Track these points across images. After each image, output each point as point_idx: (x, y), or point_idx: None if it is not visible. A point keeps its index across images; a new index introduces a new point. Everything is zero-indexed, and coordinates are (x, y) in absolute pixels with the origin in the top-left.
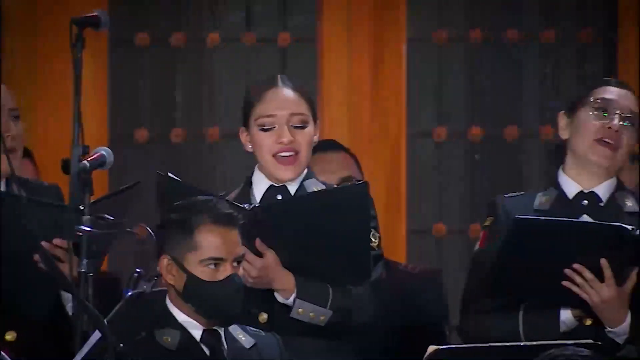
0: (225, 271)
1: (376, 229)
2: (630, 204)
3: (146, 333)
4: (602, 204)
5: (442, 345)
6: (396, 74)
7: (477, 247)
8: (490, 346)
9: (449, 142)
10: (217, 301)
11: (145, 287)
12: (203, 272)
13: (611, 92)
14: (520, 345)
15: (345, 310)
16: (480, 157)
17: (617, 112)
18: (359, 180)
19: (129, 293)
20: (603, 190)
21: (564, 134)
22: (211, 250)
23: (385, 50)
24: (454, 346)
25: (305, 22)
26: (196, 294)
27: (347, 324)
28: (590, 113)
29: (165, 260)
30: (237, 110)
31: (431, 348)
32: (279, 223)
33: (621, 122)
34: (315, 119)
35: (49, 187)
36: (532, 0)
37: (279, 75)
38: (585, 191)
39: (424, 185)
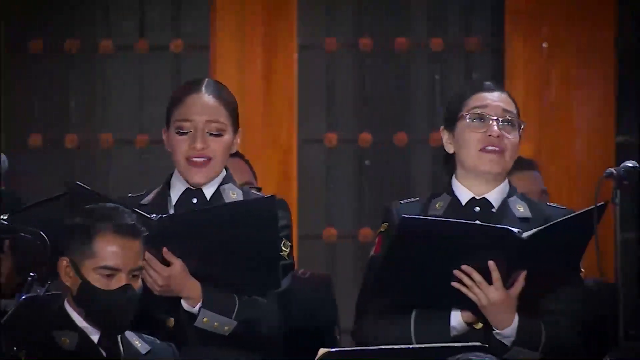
0: (119, 281)
1: (288, 237)
2: (522, 209)
3: (44, 335)
4: (494, 210)
5: (333, 348)
6: (287, 80)
7: (372, 252)
8: (379, 349)
9: (339, 148)
10: (106, 309)
11: (38, 290)
12: (96, 279)
13: (484, 99)
14: (409, 348)
15: (251, 321)
16: (370, 162)
17: (494, 117)
18: (255, 186)
19: (23, 297)
20: (495, 196)
21: (449, 149)
22: (107, 259)
23: (277, 57)
24: (344, 349)
25: (198, 29)
26: (87, 300)
27: (253, 334)
28: (469, 124)
29: (64, 262)
30: (131, 116)
31: (322, 351)
32: (186, 233)
33: (501, 126)
34: (236, 127)
35: None
36: (420, 9)
37: (205, 80)
38: (478, 197)
39: (314, 191)
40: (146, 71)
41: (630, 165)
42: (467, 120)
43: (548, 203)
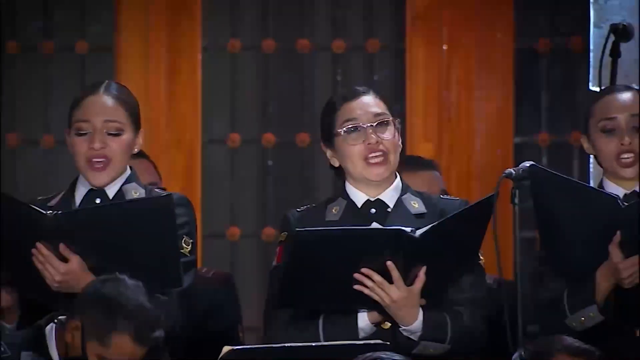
0: None
1: (189, 234)
2: (416, 205)
3: None
4: (389, 210)
5: (236, 346)
6: (191, 82)
7: (274, 263)
8: (283, 346)
9: (242, 148)
10: None
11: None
12: None
13: (353, 109)
14: (312, 346)
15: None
16: (273, 162)
17: (369, 124)
18: (159, 187)
19: None
20: (389, 195)
21: (334, 162)
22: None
23: (181, 58)
24: (247, 347)
25: (103, 31)
26: None
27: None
28: (345, 138)
29: (73, 326)
30: (37, 117)
31: (226, 348)
32: (84, 230)
33: (377, 128)
34: (137, 127)
35: None
36: (322, 11)
37: (105, 82)
38: (372, 199)
39: (218, 191)
40: (52, 72)
41: (528, 165)
42: (343, 135)
43: (442, 196)
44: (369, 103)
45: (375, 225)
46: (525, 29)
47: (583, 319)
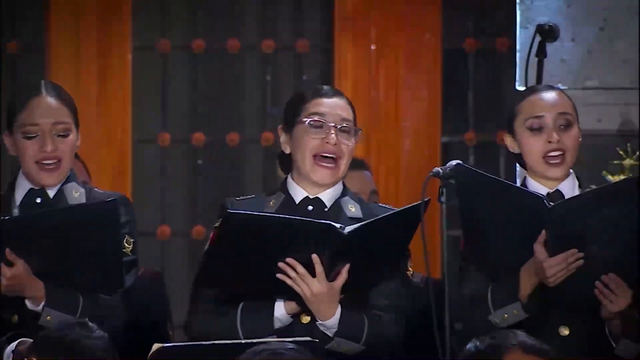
0: None
1: (131, 234)
2: (353, 209)
3: None
4: (326, 210)
5: (166, 343)
6: (121, 81)
7: (206, 247)
8: (212, 344)
9: (173, 147)
10: None
11: None
12: None
13: (323, 105)
14: (240, 343)
15: (96, 318)
16: (203, 162)
17: (332, 124)
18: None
19: None
20: (328, 196)
21: (286, 149)
22: None
23: (111, 58)
24: (177, 344)
25: (33, 31)
26: None
27: None
28: (307, 129)
29: None
30: None
31: (155, 346)
32: (28, 234)
33: (339, 133)
34: (77, 126)
35: None
36: (251, 11)
37: (42, 82)
38: (311, 197)
39: (148, 190)
40: None
41: (455, 164)
42: (306, 125)
43: (380, 204)
44: (341, 106)
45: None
46: (453, 30)
47: (506, 315)
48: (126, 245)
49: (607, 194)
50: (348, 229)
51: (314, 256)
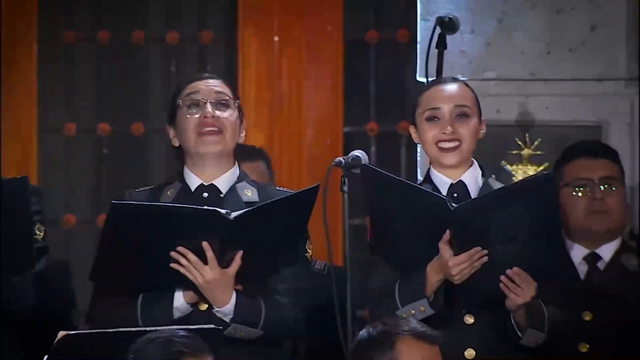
0: None
1: (42, 222)
2: (250, 194)
3: None
4: (222, 195)
5: (71, 331)
6: (27, 71)
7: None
8: (116, 331)
9: (78, 137)
10: None
11: None
12: None
13: (197, 86)
14: (141, 331)
15: (4, 300)
16: (108, 151)
17: (206, 100)
18: None
19: None
20: (223, 181)
21: (175, 142)
22: None
23: (17, 48)
24: (82, 332)
25: None
26: None
27: (8, 313)
28: (186, 113)
29: None
30: None
31: (61, 333)
32: None
33: (216, 107)
34: None
35: None
36: (156, 3)
37: None
38: (206, 184)
39: (54, 179)
40: None
41: (358, 154)
42: (184, 109)
43: (278, 188)
44: (214, 84)
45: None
46: (354, 21)
47: (413, 312)
48: (37, 232)
49: (509, 194)
50: (234, 214)
51: (204, 243)
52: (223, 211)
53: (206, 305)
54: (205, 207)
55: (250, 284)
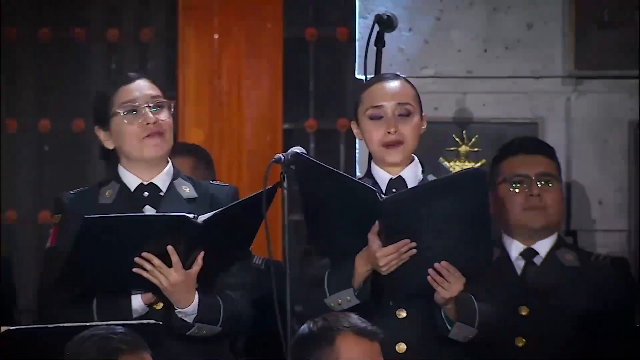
0: None
1: None
2: (188, 190)
3: None
4: (162, 194)
5: (12, 326)
6: None
7: (48, 244)
8: (57, 327)
9: (19, 133)
10: None
11: None
12: None
13: (131, 91)
14: (86, 326)
15: None
16: (49, 148)
17: (145, 106)
18: None
19: None
20: (161, 180)
21: (109, 145)
22: None
23: None
24: (23, 327)
25: None
26: None
27: None
28: (124, 119)
29: None
30: None
31: (2, 328)
32: None
33: (154, 110)
34: None
35: None
36: (97, 1)
37: None
38: (145, 183)
39: None
40: None
41: (297, 151)
42: (121, 115)
43: (212, 182)
44: (146, 86)
45: (148, 208)
46: (294, 19)
47: (340, 301)
48: None
49: (438, 187)
50: (202, 218)
51: (170, 247)
52: (191, 216)
53: (162, 305)
54: (176, 214)
55: (205, 282)
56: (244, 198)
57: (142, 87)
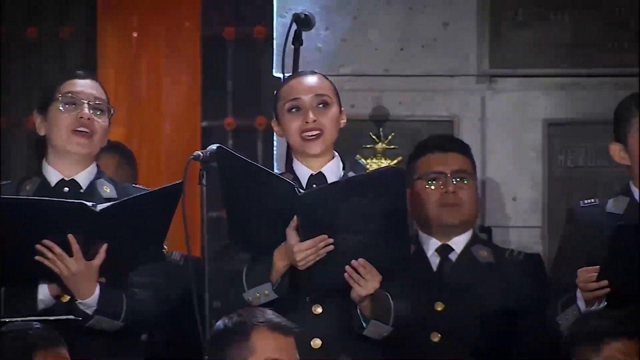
0: None
1: None
2: (108, 190)
3: None
4: (82, 191)
5: None
6: None
7: None
8: None
9: None
10: None
11: None
12: None
13: (76, 85)
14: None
15: None
16: None
17: (85, 102)
18: None
19: None
20: (83, 177)
21: (41, 131)
22: None
23: None
24: None
25: None
26: None
27: None
28: (61, 107)
29: None
30: None
31: None
32: None
33: (91, 111)
34: None
35: None
36: None
37: None
38: (67, 179)
39: None
40: None
41: (215, 148)
42: (60, 104)
43: (134, 185)
44: (93, 86)
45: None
46: (212, 18)
47: (258, 295)
48: None
49: (356, 184)
50: (100, 206)
51: (70, 236)
52: (89, 204)
53: (68, 297)
54: (72, 200)
55: (112, 276)
56: (144, 192)
57: (88, 86)
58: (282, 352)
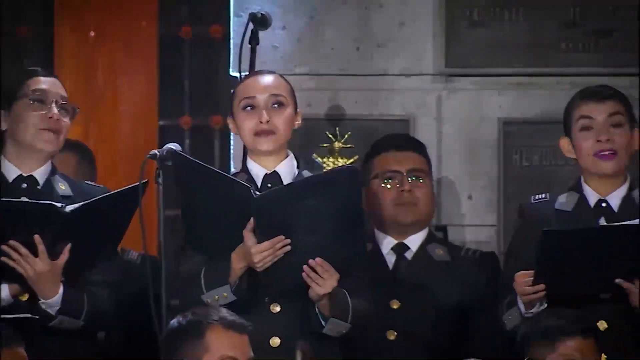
0: None
1: None
2: (63, 187)
3: None
4: (39, 187)
5: None
6: None
7: None
8: None
9: None
10: None
11: None
12: None
13: (44, 83)
14: None
15: None
16: None
17: (54, 101)
18: None
19: None
20: (39, 174)
21: (3, 126)
22: None
23: None
24: None
25: None
26: None
27: None
28: (28, 105)
29: None
30: None
31: None
32: None
33: (59, 110)
34: None
35: None
36: None
37: None
38: (25, 175)
39: None
40: None
41: (172, 147)
42: (27, 100)
43: (87, 182)
44: (59, 86)
45: (24, 200)
46: (169, 17)
47: (217, 297)
48: None
49: (311, 185)
50: (69, 207)
51: (36, 237)
52: (58, 205)
53: (27, 296)
54: (43, 202)
55: (70, 276)
56: (112, 192)
57: (55, 85)
58: (237, 349)
